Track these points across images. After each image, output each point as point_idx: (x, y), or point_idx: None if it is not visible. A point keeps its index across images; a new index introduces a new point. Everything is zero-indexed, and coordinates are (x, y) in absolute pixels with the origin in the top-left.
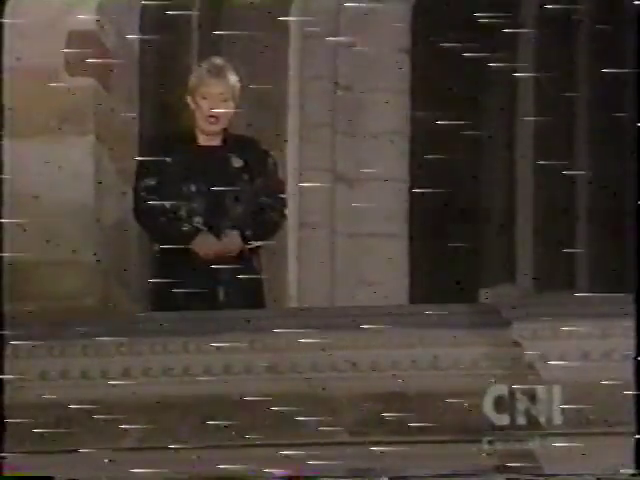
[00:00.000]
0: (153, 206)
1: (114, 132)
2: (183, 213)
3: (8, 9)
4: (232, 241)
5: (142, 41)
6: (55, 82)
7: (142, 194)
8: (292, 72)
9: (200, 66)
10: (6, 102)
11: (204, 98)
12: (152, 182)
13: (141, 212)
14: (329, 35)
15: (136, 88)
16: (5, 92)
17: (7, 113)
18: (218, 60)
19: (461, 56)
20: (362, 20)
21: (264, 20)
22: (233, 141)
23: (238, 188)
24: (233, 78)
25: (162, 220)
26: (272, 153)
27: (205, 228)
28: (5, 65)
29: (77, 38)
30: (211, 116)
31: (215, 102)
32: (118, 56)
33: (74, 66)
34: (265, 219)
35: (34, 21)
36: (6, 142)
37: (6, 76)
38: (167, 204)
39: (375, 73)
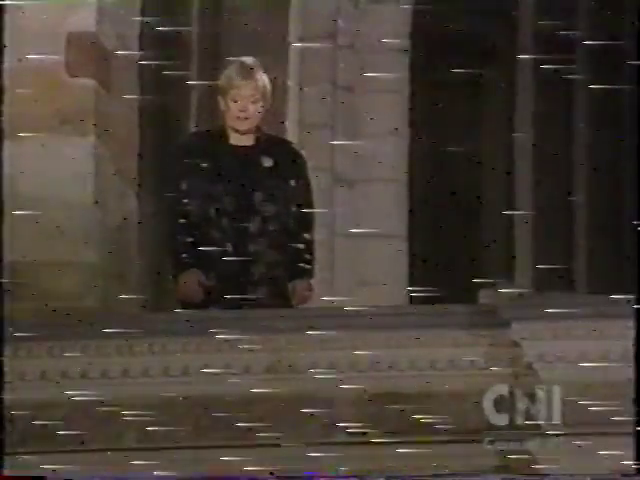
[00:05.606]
0: (189, 210)
1: (114, 132)
2: (212, 214)
3: (9, 10)
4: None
5: (142, 42)
6: (55, 82)
7: (179, 199)
8: (291, 73)
9: (229, 66)
10: (6, 102)
11: (234, 100)
12: (185, 186)
13: (180, 217)
14: (328, 36)
15: (136, 88)
16: (5, 92)
17: (7, 113)
18: (248, 60)
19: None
20: (362, 20)
21: (263, 19)
22: (265, 141)
23: (268, 188)
24: (263, 78)
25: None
26: (303, 153)
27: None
28: (5, 65)
29: (77, 39)
30: (240, 117)
31: (245, 104)
32: (118, 56)
33: (74, 67)
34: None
35: (34, 22)
36: (6, 142)
37: (6, 76)
38: (197, 205)
39: (374, 73)
